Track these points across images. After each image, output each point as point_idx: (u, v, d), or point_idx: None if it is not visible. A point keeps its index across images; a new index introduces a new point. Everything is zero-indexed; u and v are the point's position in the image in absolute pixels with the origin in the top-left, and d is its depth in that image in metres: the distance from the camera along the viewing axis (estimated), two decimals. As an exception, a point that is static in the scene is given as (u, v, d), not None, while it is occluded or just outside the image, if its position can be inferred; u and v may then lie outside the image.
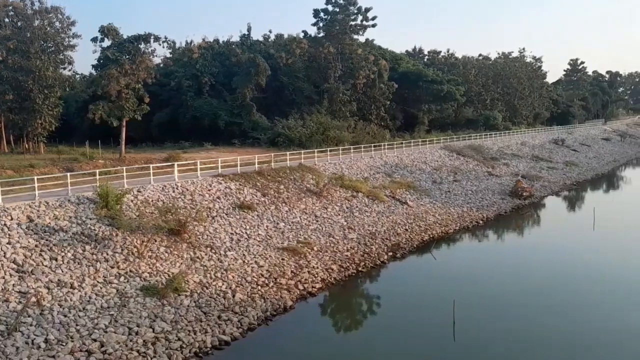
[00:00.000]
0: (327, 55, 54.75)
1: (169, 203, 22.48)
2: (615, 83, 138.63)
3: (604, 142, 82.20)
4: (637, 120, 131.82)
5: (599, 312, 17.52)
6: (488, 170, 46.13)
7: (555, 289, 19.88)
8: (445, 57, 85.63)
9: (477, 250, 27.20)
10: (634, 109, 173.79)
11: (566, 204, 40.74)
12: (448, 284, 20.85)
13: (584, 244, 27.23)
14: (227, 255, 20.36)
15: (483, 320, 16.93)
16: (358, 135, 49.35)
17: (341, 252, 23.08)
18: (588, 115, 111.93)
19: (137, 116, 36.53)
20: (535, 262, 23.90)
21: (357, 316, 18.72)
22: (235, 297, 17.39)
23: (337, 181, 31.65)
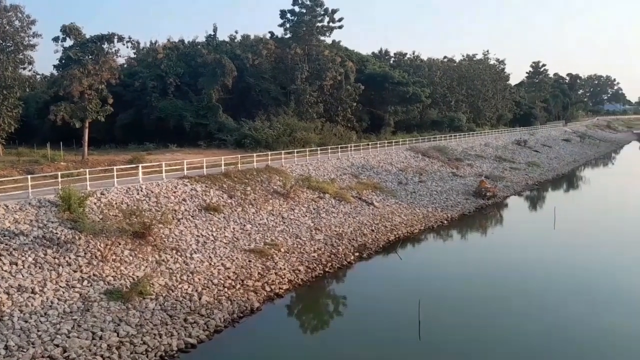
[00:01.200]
0: (294, 56, 54.91)
1: (134, 205, 22.20)
2: (575, 85, 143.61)
3: (565, 143, 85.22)
4: (595, 121, 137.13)
5: (559, 309, 18.14)
6: (452, 171, 47.21)
7: (516, 287, 20.54)
8: (411, 59, 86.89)
9: (441, 250, 27.81)
10: (593, 110, 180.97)
11: (528, 204, 42.02)
12: (413, 283, 21.33)
13: (544, 243, 28.10)
14: (193, 258, 20.27)
15: (447, 319, 17.35)
16: (325, 136, 49.66)
17: (308, 253, 23.26)
18: (549, 116, 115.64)
19: (101, 117, 35.78)
20: (498, 261, 24.63)
21: (324, 316, 18.92)
22: (201, 300, 17.35)
23: (304, 182, 31.85)
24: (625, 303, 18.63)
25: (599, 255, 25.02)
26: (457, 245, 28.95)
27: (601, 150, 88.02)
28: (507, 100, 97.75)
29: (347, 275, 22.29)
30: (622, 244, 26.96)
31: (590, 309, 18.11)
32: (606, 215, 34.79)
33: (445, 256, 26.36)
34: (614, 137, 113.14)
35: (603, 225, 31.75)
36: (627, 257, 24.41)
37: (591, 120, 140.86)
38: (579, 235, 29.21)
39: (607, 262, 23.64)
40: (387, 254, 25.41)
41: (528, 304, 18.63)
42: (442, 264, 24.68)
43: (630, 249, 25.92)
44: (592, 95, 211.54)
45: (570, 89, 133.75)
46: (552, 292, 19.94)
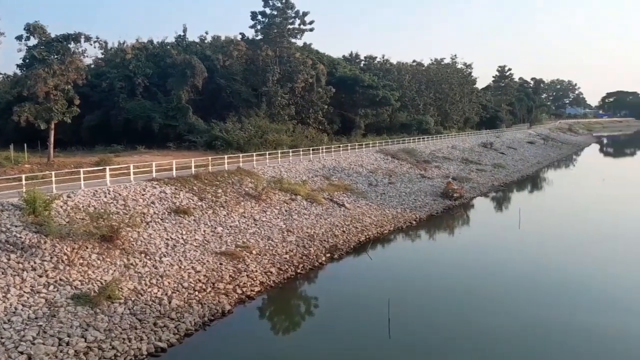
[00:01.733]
0: (265, 58, 54.91)
1: (101, 208, 21.82)
2: (539, 89, 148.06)
3: (529, 145, 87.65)
4: (558, 125, 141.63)
5: (525, 306, 18.64)
6: (421, 172, 48.02)
7: (483, 285, 21.03)
8: (380, 63, 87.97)
9: (410, 250, 28.23)
10: (556, 114, 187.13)
11: (494, 205, 42.98)
12: (383, 283, 21.58)
13: (510, 242, 28.85)
14: (163, 261, 20.04)
15: (416, 317, 17.71)
16: (297, 138, 49.78)
17: (280, 255, 23.30)
18: (514, 119, 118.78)
19: (67, 119, 34.92)
20: (465, 261, 25.18)
21: (296, 318, 19.01)
22: (171, 304, 17.19)
23: (276, 184, 31.88)
24: (590, 299, 19.33)
25: (563, 254, 25.80)
26: (425, 245, 29.44)
27: (563, 152, 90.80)
28: (474, 103, 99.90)
29: (318, 276, 22.45)
30: (584, 244, 27.94)
31: (555, 305, 18.66)
32: (569, 216, 35.91)
33: (414, 256, 26.82)
34: (575, 140, 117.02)
35: (566, 225, 32.72)
36: (588, 256, 25.30)
37: (554, 123, 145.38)
38: (543, 235, 30.06)
39: (570, 261, 24.41)
40: (357, 254, 25.67)
41: (494, 301, 19.11)
42: (411, 263, 25.12)
43: (591, 248, 26.88)
44: (555, 99, 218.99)
45: (534, 92, 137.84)
46: (517, 290, 20.48)
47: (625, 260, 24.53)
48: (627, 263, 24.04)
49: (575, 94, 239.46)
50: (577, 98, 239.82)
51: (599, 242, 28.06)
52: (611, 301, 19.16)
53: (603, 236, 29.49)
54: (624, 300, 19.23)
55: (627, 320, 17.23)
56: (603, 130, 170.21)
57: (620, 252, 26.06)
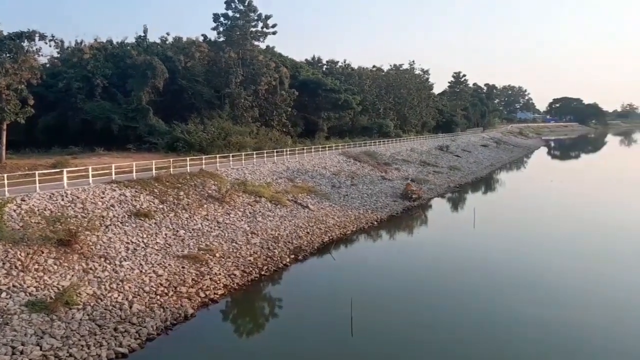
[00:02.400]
0: (228, 60, 54.51)
1: (58, 212, 21.16)
2: (492, 95, 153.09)
3: (483, 148, 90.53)
4: (509, 129, 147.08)
5: (482, 303, 19.24)
6: (382, 174, 48.82)
7: (441, 283, 21.65)
8: (342, 67, 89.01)
9: (372, 250, 28.68)
10: (507, 118, 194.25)
11: (450, 205, 44.09)
12: (346, 282, 21.86)
13: (465, 241, 29.69)
14: (123, 266, 19.61)
15: (378, 315, 17.99)
16: (260, 140, 49.60)
17: (244, 257, 23.20)
18: (469, 123, 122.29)
19: (20, 119, 33.48)
20: (424, 259, 25.88)
21: (260, 319, 18.99)
22: (132, 308, 16.87)
23: (240, 187, 31.70)
24: (542, 293, 20.04)
25: (516, 250, 26.78)
26: (386, 245, 29.94)
27: (515, 155, 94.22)
28: (431, 108, 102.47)
29: (283, 277, 22.48)
30: (535, 240, 29.07)
31: (509, 300, 19.37)
32: (520, 215, 37.35)
33: (375, 256, 27.23)
34: (525, 143, 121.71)
35: (518, 224, 34.00)
36: (539, 251, 26.33)
37: (506, 127, 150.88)
38: (497, 233, 31.21)
39: (522, 257, 25.33)
40: (321, 255, 25.87)
41: (452, 299, 19.65)
42: (373, 263, 25.49)
43: (542, 244, 28.06)
44: (507, 104, 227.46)
45: (487, 98, 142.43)
46: (474, 286, 21.12)
47: (574, 253, 25.93)
48: (575, 256, 25.34)
49: (526, 100, 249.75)
50: (527, 103, 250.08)
51: (548, 239, 29.32)
52: (561, 293, 20.08)
53: (552, 233, 30.86)
54: (571, 291, 20.26)
55: (575, 311, 18.05)
56: (550, 134, 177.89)
57: (567, 246, 27.51)
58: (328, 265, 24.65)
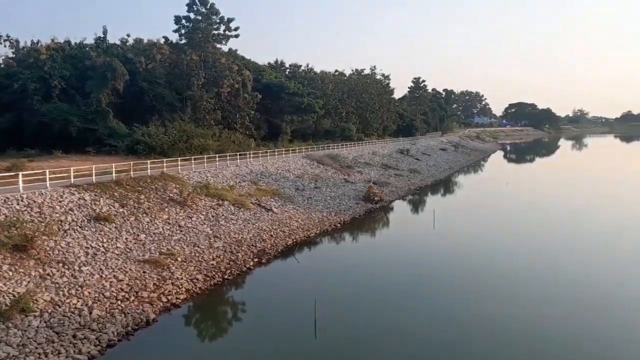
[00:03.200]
0: (190, 62, 54.00)
1: (13, 217, 20.50)
2: (450, 100, 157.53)
3: (442, 152, 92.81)
4: (467, 133, 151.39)
5: (442, 302, 19.71)
6: (344, 177, 49.41)
7: (403, 284, 22.07)
8: (305, 71, 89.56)
9: (336, 252, 29.02)
10: (465, 122, 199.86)
11: (411, 207, 44.97)
12: (310, 284, 22.08)
13: (426, 241, 30.51)
14: (82, 271, 19.19)
15: (342, 316, 18.27)
16: (223, 143, 49.29)
17: (207, 262, 23.07)
18: (428, 128, 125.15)
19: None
20: (386, 260, 26.35)
21: (222, 323, 18.95)
22: (92, 314, 16.54)
23: (203, 190, 31.46)
24: (497, 291, 20.72)
25: (474, 250, 27.66)
26: (349, 247, 30.34)
27: (472, 158, 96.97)
28: (392, 112, 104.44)
29: (246, 281, 22.46)
30: (492, 240, 30.15)
31: (469, 299, 19.91)
32: (477, 216, 38.63)
33: (339, 257, 27.63)
34: (482, 147, 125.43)
35: (475, 224, 35.08)
36: (496, 251, 27.29)
37: (463, 131, 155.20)
38: (455, 234, 32.12)
39: (480, 256, 26.19)
40: (285, 258, 25.99)
41: (415, 298, 20.11)
42: (337, 265, 25.82)
43: (498, 244, 29.14)
44: (464, 109, 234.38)
45: (446, 103, 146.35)
46: (434, 286, 21.74)
47: (530, 250, 27.10)
48: (531, 252, 26.50)
49: (482, 105, 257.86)
50: (484, 108, 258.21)
51: (505, 238, 30.51)
52: (520, 289, 20.83)
53: (508, 232, 32.13)
54: (530, 287, 20.97)
55: (536, 307, 18.64)
56: (506, 138, 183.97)
57: (524, 244, 28.69)
58: (292, 268, 24.77)
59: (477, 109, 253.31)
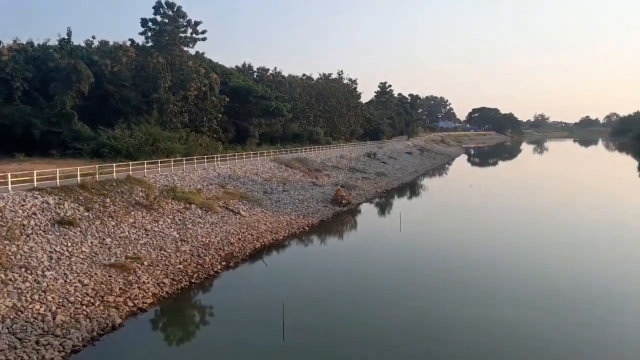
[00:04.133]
0: (156, 65, 53.46)
1: (-27, 221, 19.96)
2: (416, 104, 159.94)
3: (408, 155, 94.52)
4: (432, 137, 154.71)
5: (408, 303, 20.06)
6: (312, 180, 49.81)
7: (371, 286, 22.37)
8: (272, 75, 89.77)
9: (304, 255, 29.24)
10: (430, 127, 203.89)
11: (378, 210, 45.61)
12: (278, 288, 22.21)
13: (392, 243, 31.00)
14: (46, 276, 18.89)
15: (310, 319, 18.43)
16: (190, 146, 48.98)
17: (173, 265, 22.97)
18: (394, 132, 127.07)
19: None
20: (354, 263, 26.70)
21: (190, 328, 18.92)
22: (56, 320, 16.33)
23: (169, 193, 31.27)
24: (468, 292, 21.22)
25: (440, 251, 28.41)
26: (317, 249, 30.59)
27: (437, 162, 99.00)
28: (359, 116, 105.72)
29: (214, 284, 22.44)
30: (457, 242, 30.72)
31: (438, 299, 20.33)
32: (442, 218, 39.65)
33: (307, 260, 27.88)
34: (447, 151, 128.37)
35: (441, 226, 36.03)
36: (461, 255, 27.89)
37: (429, 135, 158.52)
38: (422, 236, 32.93)
39: (446, 258, 26.84)
40: (253, 261, 26.04)
41: (382, 300, 20.43)
42: (305, 267, 26.08)
43: (463, 246, 29.73)
44: (430, 113, 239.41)
45: (411, 107, 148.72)
46: (403, 287, 22.10)
47: (494, 251, 28.00)
48: (494, 253, 27.36)
49: (447, 109, 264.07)
50: (448, 113, 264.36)
51: (470, 239, 31.31)
52: (485, 290, 21.46)
53: (473, 233, 33.06)
54: (497, 288, 21.67)
55: (502, 308, 19.30)
56: (470, 142, 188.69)
57: (488, 244, 29.62)
58: (260, 271, 24.88)
59: (441, 113, 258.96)
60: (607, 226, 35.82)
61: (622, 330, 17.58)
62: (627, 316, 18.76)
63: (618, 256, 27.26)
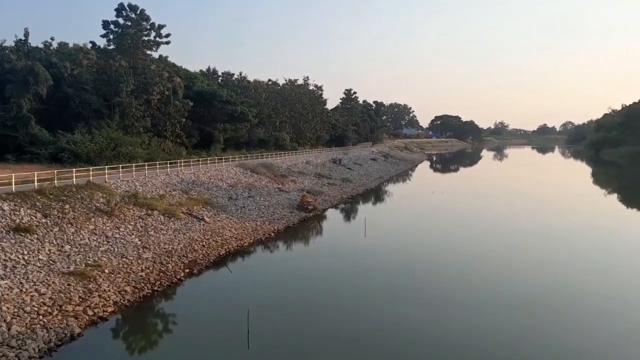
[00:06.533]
0: (119, 68, 52.46)
1: None
2: (380, 111, 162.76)
3: (372, 161, 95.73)
4: (396, 143, 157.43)
5: (376, 308, 20.16)
6: (278, 186, 49.80)
7: (336, 291, 22.44)
8: (237, 80, 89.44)
9: (269, 261, 29.16)
10: (394, 134, 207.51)
11: (343, 215, 45.92)
12: (243, 295, 22.07)
13: (357, 249, 31.25)
14: (0, 285, 18.23)
15: (275, 326, 18.37)
16: (153, 151, 48.23)
17: (135, 273, 22.54)
18: (360, 138, 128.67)
19: None
20: (319, 269, 26.80)
21: (152, 336, 18.58)
22: (11, 330, 15.77)
23: (131, 199, 30.68)
24: (432, 296, 21.63)
25: (404, 256, 28.84)
26: (283, 255, 30.58)
27: (401, 168, 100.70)
28: (325, 122, 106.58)
29: (177, 292, 22.13)
30: (420, 247, 31.38)
31: (402, 304, 20.56)
32: (406, 222, 40.45)
33: (272, 267, 27.83)
34: (410, 157, 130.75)
35: (405, 231, 36.63)
36: (426, 255, 28.58)
37: (393, 142, 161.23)
38: (386, 241, 33.32)
39: (411, 262, 27.36)
40: (217, 268, 25.80)
41: (347, 306, 20.54)
42: (270, 274, 26.03)
43: (428, 249, 30.50)
44: (393, 120, 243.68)
45: (376, 114, 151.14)
46: (367, 293, 22.23)
47: (457, 254, 28.62)
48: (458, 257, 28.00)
49: (410, 117, 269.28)
50: (412, 120, 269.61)
51: (433, 243, 31.97)
52: (450, 294, 21.80)
53: (435, 239, 33.73)
54: (462, 291, 21.99)
55: (468, 312, 19.68)
56: (433, 149, 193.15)
57: (449, 251, 30.01)
58: (224, 278, 24.68)
59: (405, 120, 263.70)
60: (565, 228, 37.32)
61: (560, 330, 18.30)
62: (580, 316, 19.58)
63: (575, 255, 28.50)
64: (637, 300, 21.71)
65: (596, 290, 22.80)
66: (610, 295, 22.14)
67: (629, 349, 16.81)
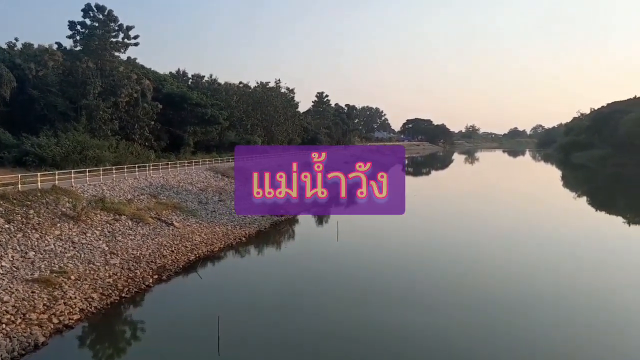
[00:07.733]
0: (86, 70, 51.44)
1: None
2: (352, 115, 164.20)
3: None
4: (368, 147, 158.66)
5: (347, 312, 20.19)
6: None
7: (308, 296, 22.57)
8: (208, 82, 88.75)
9: (240, 266, 29.02)
10: (366, 137, 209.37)
11: (315, 219, 46.01)
12: (213, 300, 21.96)
13: (329, 253, 31.36)
14: (-39, 294, 17.75)
15: (246, 331, 18.32)
16: (121, 155, 47.39)
17: (102, 279, 22.17)
18: (332, 141, 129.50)
19: None
20: (291, 273, 26.81)
21: (120, 344, 18.31)
22: (-28, 340, 15.43)
23: (98, 204, 30.14)
24: (401, 299, 21.82)
25: (375, 260, 28.99)
26: (254, 260, 30.48)
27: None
28: (297, 125, 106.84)
29: (145, 299, 21.85)
30: (394, 251, 31.57)
31: (375, 307, 20.68)
32: (379, 225, 40.64)
33: (243, 271, 27.68)
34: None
35: (377, 234, 36.86)
36: (398, 259, 28.91)
37: (365, 145, 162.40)
38: (358, 245, 33.47)
39: (381, 267, 27.44)
40: (187, 274, 25.55)
41: (319, 310, 20.57)
42: (241, 279, 25.93)
43: (400, 252, 30.86)
44: (365, 123, 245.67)
45: (348, 117, 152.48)
46: (340, 297, 22.17)
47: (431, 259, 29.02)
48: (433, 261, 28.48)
49: (382, 120, 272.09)
50: (384, 123, 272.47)
51: (405, 246, 32.32)
52: (425, 297, 22.08)
53: (409, 241, 34.14)
54: (437, 295, 22.30)
55: (445, 314, 19.89)
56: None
57: (425, 252, 30.58)
58: (194, 284, 24.46)
59: (377, 124, 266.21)
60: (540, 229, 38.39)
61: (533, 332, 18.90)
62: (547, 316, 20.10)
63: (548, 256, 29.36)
64: (631, 300, 22.09)
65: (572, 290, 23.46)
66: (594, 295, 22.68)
67: (626, 350, 17.19)
